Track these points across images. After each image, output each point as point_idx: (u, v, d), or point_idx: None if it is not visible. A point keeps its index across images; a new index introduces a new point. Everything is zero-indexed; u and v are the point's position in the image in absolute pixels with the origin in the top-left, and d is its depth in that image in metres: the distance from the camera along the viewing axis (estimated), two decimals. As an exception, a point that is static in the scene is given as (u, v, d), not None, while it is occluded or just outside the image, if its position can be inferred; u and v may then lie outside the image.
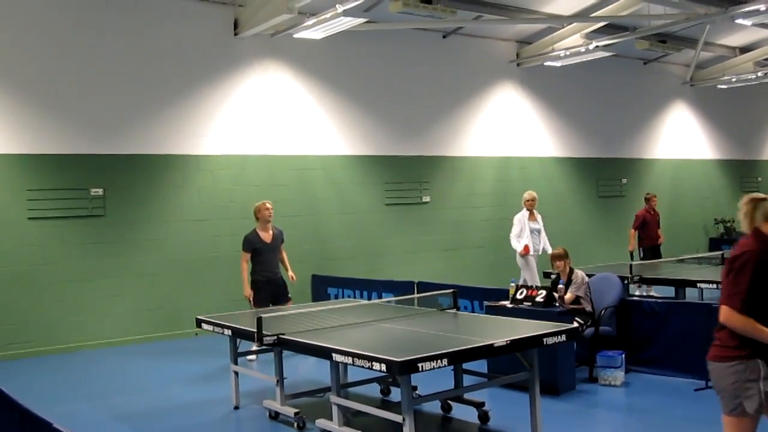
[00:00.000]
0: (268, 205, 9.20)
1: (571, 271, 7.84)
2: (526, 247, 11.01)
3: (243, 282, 9.09)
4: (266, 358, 8.11)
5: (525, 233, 11.11)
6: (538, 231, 11.24)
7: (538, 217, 11.37)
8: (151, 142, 11.02)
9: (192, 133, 11.35)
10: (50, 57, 10.29)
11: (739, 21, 12.21)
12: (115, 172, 10.72)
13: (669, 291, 10.44)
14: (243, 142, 11.79)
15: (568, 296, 7.60)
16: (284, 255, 9.38)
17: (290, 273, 9.31)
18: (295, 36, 11.48)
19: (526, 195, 11.40)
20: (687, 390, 6.99)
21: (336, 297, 11.39)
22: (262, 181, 11.93)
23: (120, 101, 10.76)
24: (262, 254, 9.04)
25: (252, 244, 9.03)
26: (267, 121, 12.03)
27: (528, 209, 11.26)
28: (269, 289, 9.00)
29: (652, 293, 11.33)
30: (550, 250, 10.68)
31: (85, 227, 10.51)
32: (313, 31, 11.10)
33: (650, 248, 12.57)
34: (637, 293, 11.55)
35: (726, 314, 3.79)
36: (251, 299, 8.97)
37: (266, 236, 9.08)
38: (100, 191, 10.61)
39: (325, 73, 12.61)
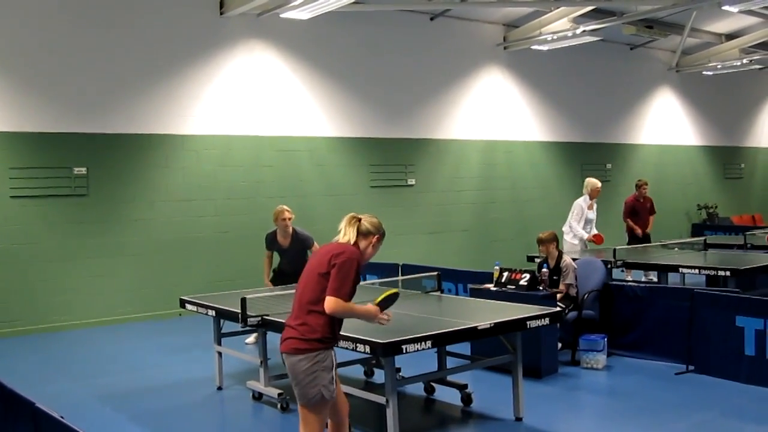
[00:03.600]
0: (284, 215, 8.39)
1: (560, 255, 7.87)
2: (594, 236, 10.60)
3: (264, 272, 8.67)
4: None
5: (582, 222, 10.57)
6: (592, 221, 10.75)
7: (595, 206, 10.83)
8: (135, 121, 10.93)
9: (176, 113, 11.26)
10: (33, 35, 10.15)
11: (726, 7, 12.21)
12: (98, 151, 10.63)
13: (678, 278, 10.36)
14: (228, 122, 11.72)
15: (561, 288, 7.65)
16: None
17: None
18: (282, 16, 11.38)
19: (597, 184, 10.75)
20: (668, 374, 7.06)
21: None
22: (247, 162, 11.88)
23: (104, 79, 10.65)
24: (280, 256, 8.71)
25: (270, 245, 8.63)
26: (252, 101, 11.95)
27: (592, 198, 10.67)
28: (282, 280, 8.47)
29: (651, 278, 11.36)
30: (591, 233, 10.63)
31: (68, 206, 10.43)
32: (300, 11, 11.02)
33: (637, 236, 12.32)
34: (643, 279, 11.61)
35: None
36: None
37: (283, 241, 8.54)
38: (84, 170, 10.52)
39: (311, 55, 12.53)
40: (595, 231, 10.77)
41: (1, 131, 9.98)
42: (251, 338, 8.57)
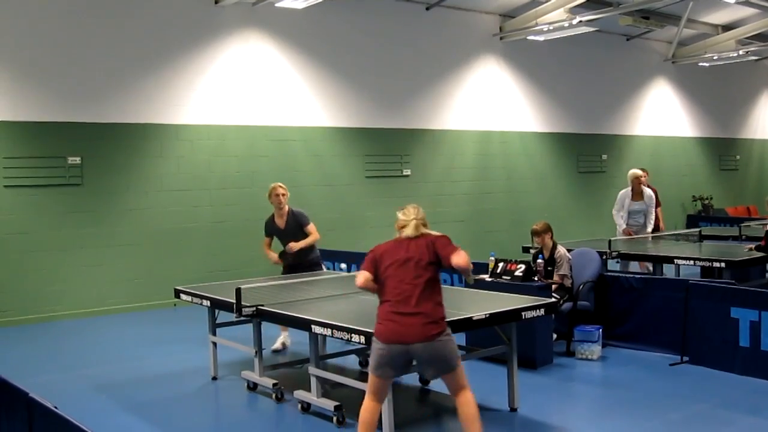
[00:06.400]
0: (277, 191, 8.17)
1: (554, 246, 7.85)
2: (624, 230, 10.43)
3: (267, 256, 8.32)
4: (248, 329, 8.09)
5: (623, 212, 10.45)
6: (640, 212, 10.45)
7: (646, 195, 10.47)
8: (130, 110, 10.88)
9: (171, 103, 11.21)
10: (28, 24, 10.09)
11: (722, -2, 12.22)
12: (93, 140, 10.59)
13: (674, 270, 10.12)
14: (223, 112, 11.68)
15: (556, 279, 7.65)
16: (309, 238, 8.20)
17: (293, 244, 8.10)
18: (277, 5, 11.35)
19: (635, 173, 10.51)
20: (662, 365, 7.07)
21: (315, 269, 11.36)
22: (242, 152, 11.85)
23: (98, 69, 10.60)
24: (279, 239, 8.37)
25: (269, 230, 8.37)
26: (247, 91, 11.91)
27: (634, 188, 10.44)
28: (289, 266, 8.28)
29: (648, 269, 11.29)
30: (649, 229, 10.39)
31: (62, 196, 10.39)
32: (295, 0, 10.98)
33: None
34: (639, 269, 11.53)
35: None
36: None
37: (280, 222, 8.30)
38: (78, 160, 10.48)
39: (306, 44, 12.48)
40: (640, 222, 10.50)
41: (-5, 120, 9.95)
42: (278, 344, 8.15)
